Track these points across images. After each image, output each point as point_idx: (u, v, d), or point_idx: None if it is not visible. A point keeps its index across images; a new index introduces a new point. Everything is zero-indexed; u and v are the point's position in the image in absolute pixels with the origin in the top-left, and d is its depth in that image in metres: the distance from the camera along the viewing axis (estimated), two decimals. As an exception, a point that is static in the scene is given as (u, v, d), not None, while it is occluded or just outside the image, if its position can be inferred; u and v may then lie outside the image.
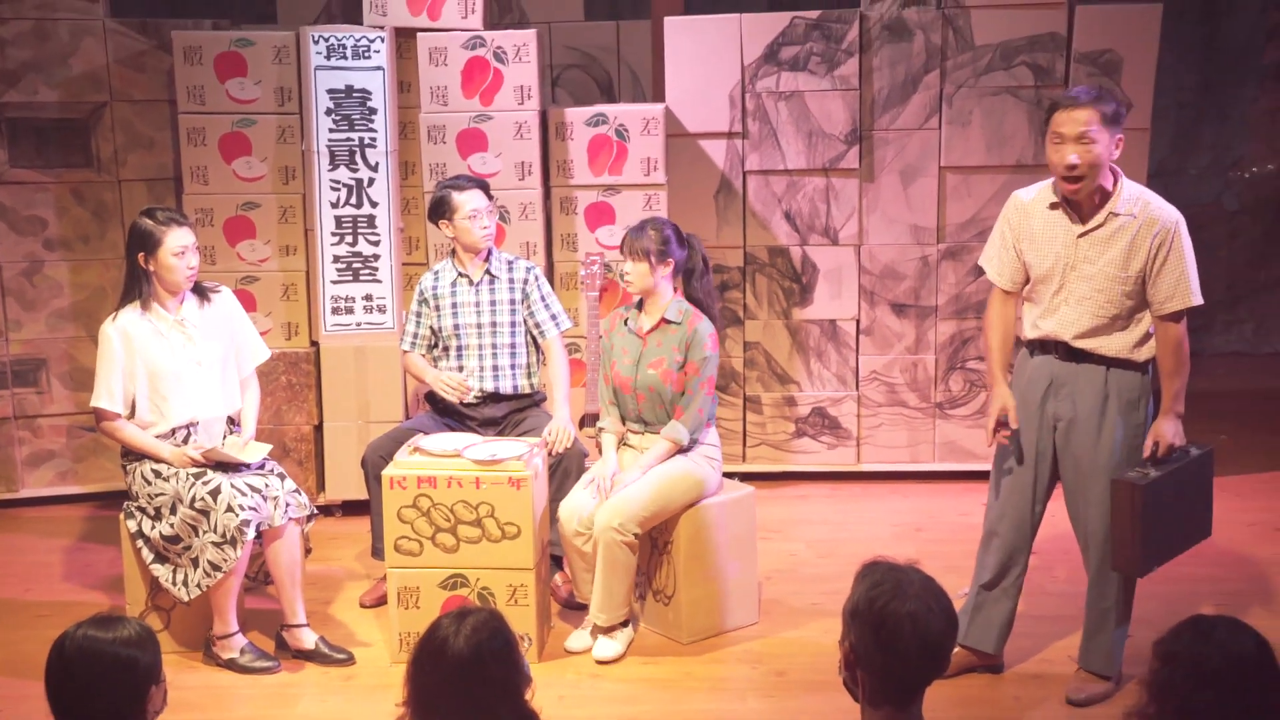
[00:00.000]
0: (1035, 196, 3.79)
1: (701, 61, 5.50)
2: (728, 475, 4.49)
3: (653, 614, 4.38)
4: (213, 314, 4.26)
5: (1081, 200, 3.65)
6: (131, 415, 4.16)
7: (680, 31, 5.50)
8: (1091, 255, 3.65)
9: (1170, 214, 3.65)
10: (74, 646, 2.40)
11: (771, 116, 5.54)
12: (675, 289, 4.31)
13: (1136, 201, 3.65)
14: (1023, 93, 5.46)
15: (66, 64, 5.40)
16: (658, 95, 5.78)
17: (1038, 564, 4.84)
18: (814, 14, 5.47)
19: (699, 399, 4.20)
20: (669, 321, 4.24)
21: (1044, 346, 3.77)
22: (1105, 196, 3.65)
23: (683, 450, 4.24)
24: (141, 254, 4.11)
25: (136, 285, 4.15)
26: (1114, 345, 3.68)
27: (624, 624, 4.23)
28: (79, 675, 2.38)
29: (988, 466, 5.75)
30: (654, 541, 4.31)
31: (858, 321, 5.70)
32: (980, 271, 5.56)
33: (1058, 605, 4.46)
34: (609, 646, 4.18)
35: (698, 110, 5.53)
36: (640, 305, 4.34)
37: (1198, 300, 3.64)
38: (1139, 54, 5.38)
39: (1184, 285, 3.61)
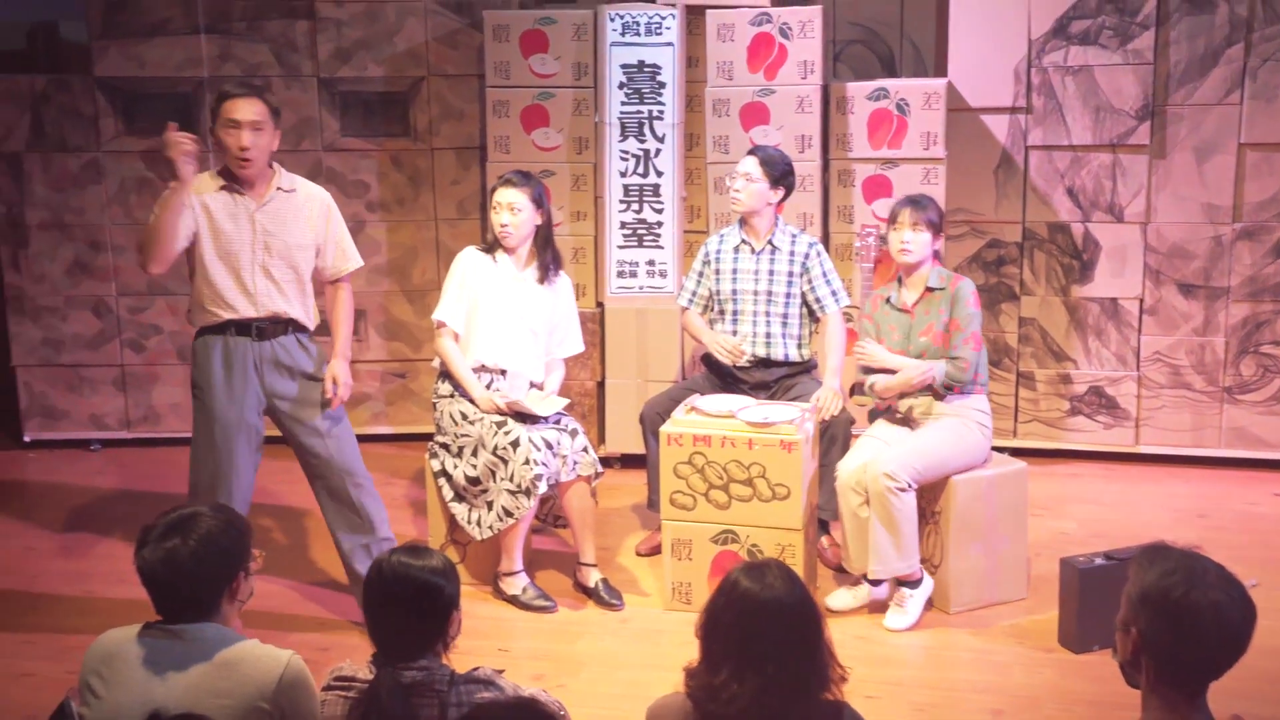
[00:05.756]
0: None
1: (986, 36, 5.42)
2: (996, 450, 4.47)
3: (918, 581, 4.42)
4: (552, 295, 4.54)
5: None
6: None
7: (965, 5, 5.43)
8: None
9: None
10: (389, 570, 2.52)
11: (1057, 91, 5.42)
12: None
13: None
14: (1336, 65, 5.17)
15: (392, 42, 5.81)
16: (939, 70, 5.72)
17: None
18: (1108, -14, 5.32)
19: (964, 353, 4.22)
20: (933, 289, 4.29)
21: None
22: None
23: (937, 396, 4.27)
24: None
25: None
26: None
27: (915, 584, 4.21)
28: (392, 596, 2.51)
29: (1279, 455, 5.52)
30: (922, 510, 4.32)
31: (1141, 300, 5.54)
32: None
33: None
34: (899, 619, 4.20)
35: (980, 84, 5.47)
36: (900, 280, 4.39)
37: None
38: None
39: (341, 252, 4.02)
